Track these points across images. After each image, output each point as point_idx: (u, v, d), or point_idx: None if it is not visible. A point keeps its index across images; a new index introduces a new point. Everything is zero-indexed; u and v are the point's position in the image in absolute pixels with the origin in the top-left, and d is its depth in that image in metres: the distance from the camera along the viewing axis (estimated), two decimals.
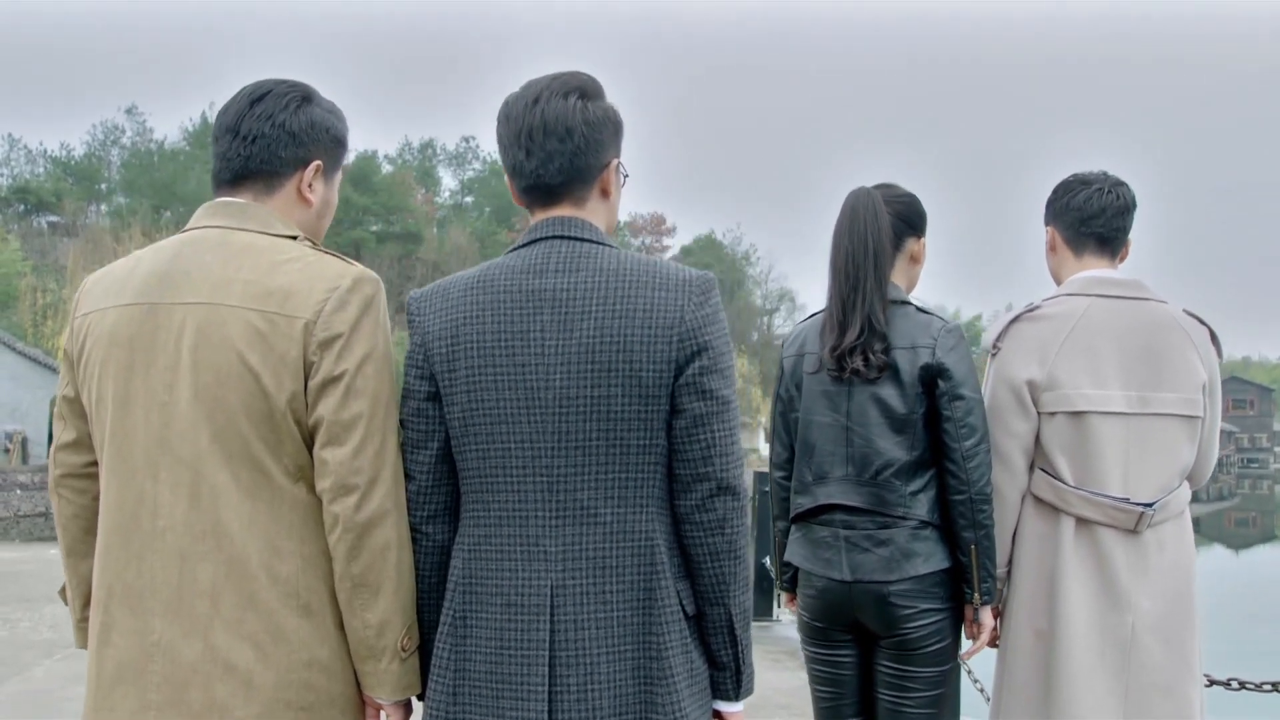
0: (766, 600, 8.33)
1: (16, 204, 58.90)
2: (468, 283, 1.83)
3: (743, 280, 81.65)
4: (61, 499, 1.95)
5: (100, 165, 66.79)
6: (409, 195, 69.21)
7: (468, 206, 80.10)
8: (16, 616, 8.33)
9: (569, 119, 1.81)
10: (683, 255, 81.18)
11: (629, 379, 1.72)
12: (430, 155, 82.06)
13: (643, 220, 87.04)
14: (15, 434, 34.05)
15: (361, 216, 64.83)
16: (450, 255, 62.79)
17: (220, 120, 1.93)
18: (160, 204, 59.45)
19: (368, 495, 1.74)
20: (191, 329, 1.75)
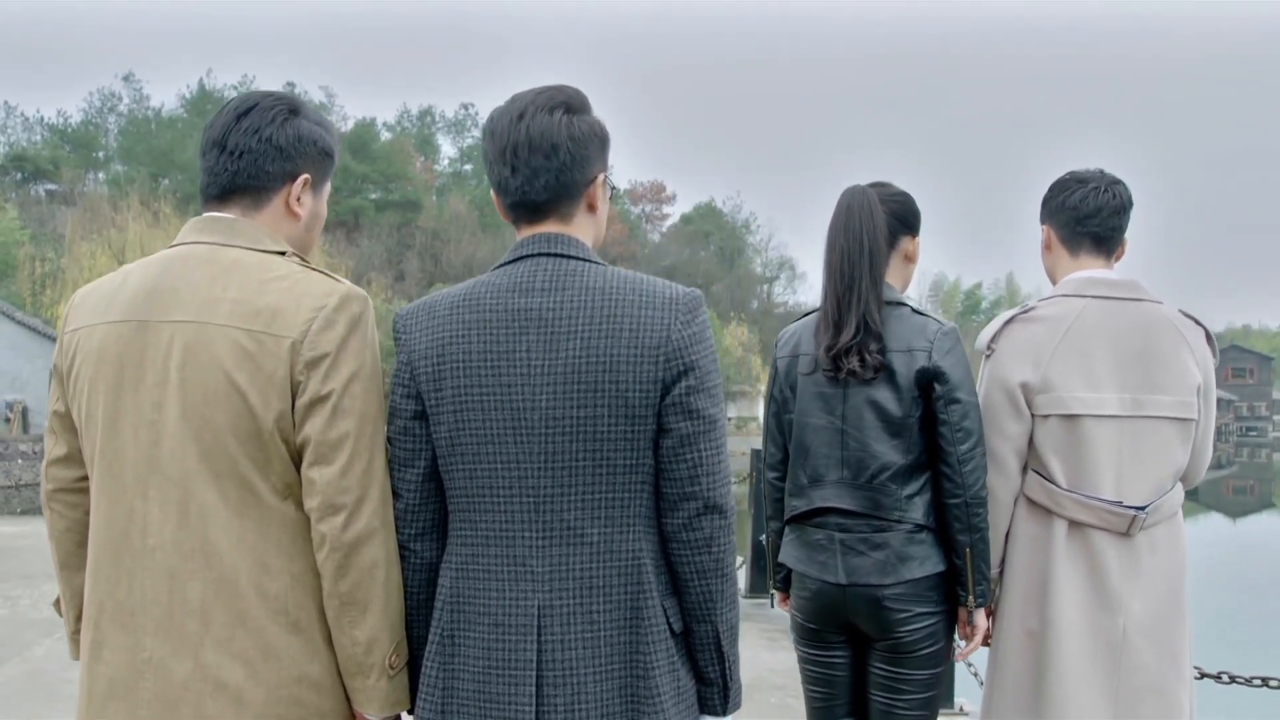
0: (763, 578, 8.36)
1: (14, 172, 58.72)
2: (453, 301, 1.82)
3: (743, 248, 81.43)
4: (54, 513, 1.95)
5: (98, 133, 66.54)
6: (408, 163, 68.97)
7: (467, 174, 79.77)
8: (17, 594, 8.36)
9: (554, 135, 1.79)
10: (682, 223, 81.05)
11: (615, 399, 1.71)
12: (429, 123, 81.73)
13: (642, 188, 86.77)
14: (16, 403, 34.08)
15: (360, 184, 64.64)
16: (449, 223, 62.66)
17: (206, 134, 1.91)
18: (159, 172, 59.25)
19: (355, 514, 1.74)
20: (179, 347, 1.74)
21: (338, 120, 75.23)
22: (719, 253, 76.53)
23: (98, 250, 35.07)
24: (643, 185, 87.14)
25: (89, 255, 34.87)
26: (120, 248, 35.42)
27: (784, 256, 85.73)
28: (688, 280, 43.17)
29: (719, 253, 76.53)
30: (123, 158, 62.90)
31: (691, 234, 77.49)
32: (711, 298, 68.63)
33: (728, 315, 60.40)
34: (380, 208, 63.56)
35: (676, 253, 73.77)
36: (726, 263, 76.17)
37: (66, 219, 41.60)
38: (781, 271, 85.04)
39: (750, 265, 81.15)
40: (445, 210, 64.50)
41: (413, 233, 61.65)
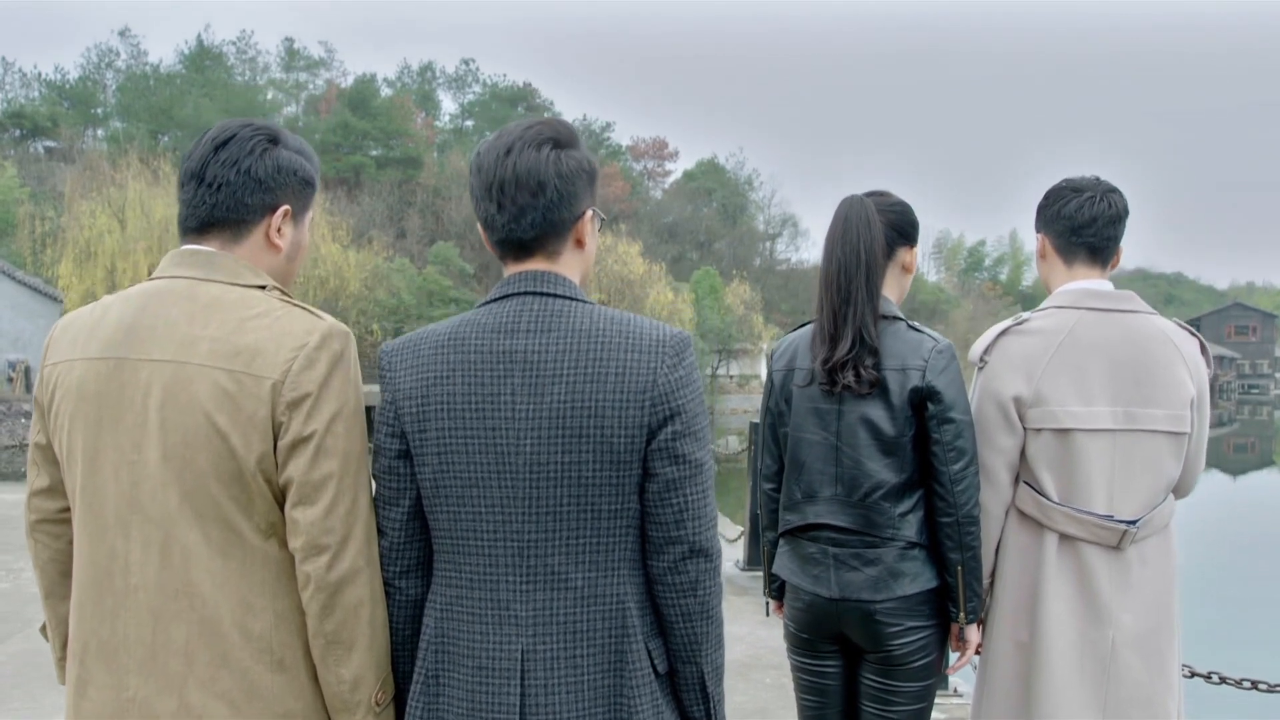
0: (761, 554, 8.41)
1: (12, 129, 58.34)
2: (438, 340, 1.79)
3: (745, 205, 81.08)
4: (38, 543, 1.95)
5: (96, 89, 66.07)
6: (408, 120, 68.45)
7: (468, 131, 79.25)
8: (20, 566, 8.39)
9: (541, 172, 1.76)
10: (685, 180, 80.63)
11: (600, 445, 1.70)
12: (429, 78, 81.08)
13: (644, 144, 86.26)
14: (18, 363, 34.09)
15: (361, 142, 64.24)
16: (451, 181, 62.29)
17: (185, 165, 1.88)
18: (158, 129, 58.88)
19: (339, 555, 1.73)
20: (158, 388, 1.73)
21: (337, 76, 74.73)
22: (721, 210, 76.19)
23: (97, 209, 34.86)
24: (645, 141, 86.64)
25: (89, 214, 34.67)
26: (120, 206, 35.26)
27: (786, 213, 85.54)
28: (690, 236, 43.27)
29: (721, 210, 76.19)
30: (121, 114, 62.50)
31: (694, 191, 77.10)
32: (713, 255, 68.47)
33: (730, 273, 60.16)
34: (381, 165, 63.20)
35: (679, 210, 73.42)
36: (729, 220, 75.87)
37: (65, 177, 41.33)
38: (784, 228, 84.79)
39: (753, 222, 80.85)
40: (446, 167, 64.11)
41: (414, 190, 61.34)
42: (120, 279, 33.92)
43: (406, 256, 49.97)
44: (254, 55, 73.05)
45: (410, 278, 46.41)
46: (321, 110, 69.40)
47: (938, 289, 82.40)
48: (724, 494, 18.16)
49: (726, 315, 53.65)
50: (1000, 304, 78.48)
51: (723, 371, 54.83)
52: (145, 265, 34.20)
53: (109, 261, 34.22)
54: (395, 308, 44.91)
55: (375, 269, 44.84)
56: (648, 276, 48.04)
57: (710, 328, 51.06)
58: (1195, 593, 2.73)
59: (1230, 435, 51.31)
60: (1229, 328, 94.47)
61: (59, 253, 34.99)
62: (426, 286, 46.00)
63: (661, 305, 47.21)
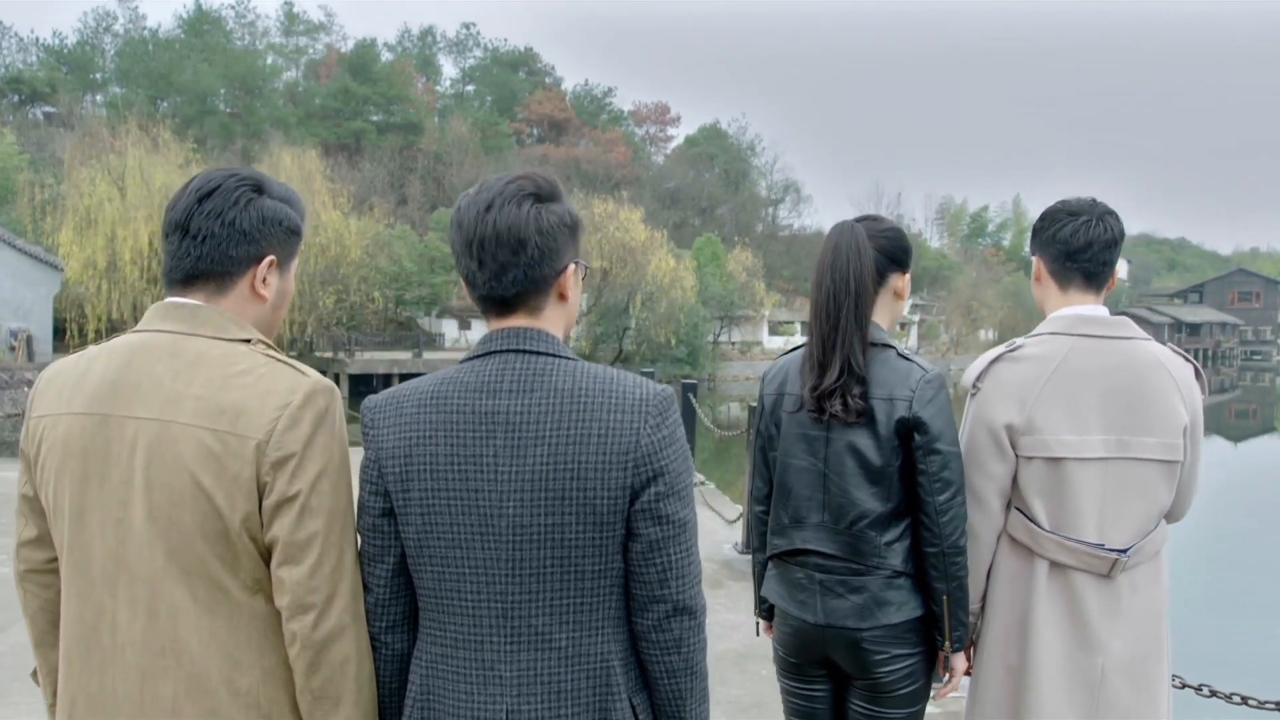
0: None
1: (10, 95, 58.08)
2: (421, 398, 1.78)
3: (747, 171, 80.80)
4: (26, 592, 1.95)
5: (94, 54, 65.73)
6: (409, 85, 68.12)
7: (469, 96, 78.88)
8: None
9: (522, 229, 1.74)
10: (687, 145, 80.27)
11: (583, 507, 1.69)
12: (430, 43, 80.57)
13: (646, 109, 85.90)
14: (20, 332, 34.13)
15: (361, 107, 63.96)
16: (451, 146, 62.10)
17: (169, 216, 1.86)
18: (157, 94, 58.67)
19: (325, 613, 1.73)
20: (143, 446, 1.72)
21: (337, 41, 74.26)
22: (723, 175, 75.97)
23: (97, 176, 34.76)
24: (647, 106, 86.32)
25: (88, 181, 34.57)
26: (120, 173, 35.15)
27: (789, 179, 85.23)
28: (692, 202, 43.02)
29: (723, 175, 75.97)
30: (120, 79, 62.25)
31: (696, 156, 76.85)
32: (715, 221, 68.30)
33: (731, 239, 60.02)
34: (381, 131, 62.98)
35: (680, 175, 73.21)
36: (731, 186, 75.65)
37: (65, 143, 41.18)
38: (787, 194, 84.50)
39: (755, 188, 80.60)
40: (447, 133, 63.88)
41: (414, 156, 61.16)
42: (120, 247, 33.92)
43: (407, 223, 49.92)
44: (253, 19, 72.77)
45: (411, 244, 46.36)
46: (321, 75, 69.08)
47: (940, 255, 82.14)
48: (724, 462, 18.18)
49: (728, 282, 53.55)
50: (1003, 270, 78.33)
51: (724, 339, 54.80)
52: (146, 233, 34.17)
53: (109, 229, 34.16)
54: (396, 275, 44.89)
55: (376, 236, 44.77)
56: (649, 244, 47.85)
57: (712, 295, 50.99)
58: (1197, 559, 2.73)
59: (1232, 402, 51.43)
60: (1232, 294, 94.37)
61: (59, 220, 34.91)
62: (428, 253, 45.94)
63: (663, 273, 47.10)
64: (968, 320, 69.54)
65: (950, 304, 70.02)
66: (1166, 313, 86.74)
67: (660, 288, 46.93)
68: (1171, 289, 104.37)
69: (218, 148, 49.51)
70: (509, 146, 68.08)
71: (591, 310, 47.59)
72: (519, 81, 79.92)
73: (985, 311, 69.39)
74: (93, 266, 33.99)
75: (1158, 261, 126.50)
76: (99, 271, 34.06)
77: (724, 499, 11.02)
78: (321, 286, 40.84)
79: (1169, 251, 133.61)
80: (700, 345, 49.07)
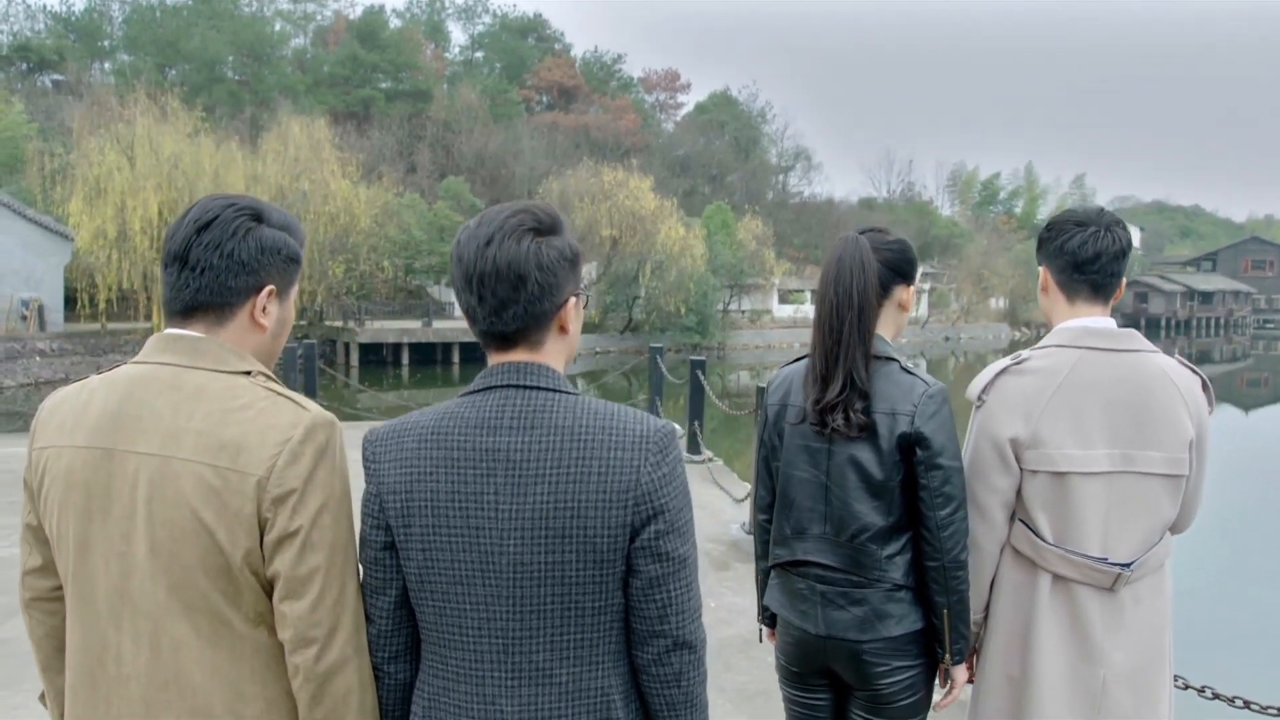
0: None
1: (19, 63, 57.94)
2: (421, 434, 1.78)
3: (758, 138, 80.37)
4: (32, 619, 1.96)
5: (102, 21, 65.46)
6: (418, 52, 67.76)
7: (478, 62, 78.46)
8: None
9: (522, 265, 1.74)
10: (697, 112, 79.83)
11: (583, 545, 1.69)
12: (439, 9, 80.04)
13: (656, 76, 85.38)
14: (32, 301, 34.28)
15: (370, 74, 63.67)
16: (460, 114, 61.81)
17: (168, 246, 1.86)
18: (165, 62, 58.49)
19: (327, 646, 1.75)
20: (145, 481, 1.73)
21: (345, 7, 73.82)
22: (734, 143, 75.54)
23: (106, 145, 34.66)
24: (656, 73, 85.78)
25: (97, 150, 34.47)
26: (129, 143, 35.06)
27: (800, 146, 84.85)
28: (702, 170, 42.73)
29: (734, 143, 75.54)
30: (128, 47, 62.05)
31: (706, 123, 76.38)
32: (725, 189, 68.02)
33: (742, 207, 59.75)
34: (390, 98, 62.73)
35: (690, 143, 72.86)
36: (741, 153, 75.25)
37: (73, 111, 41.05)
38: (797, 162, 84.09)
39: (765, 155, 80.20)
40: (456, 100, 63.58)
41: (423, 124, 60.89)
42: (130, 216, 33.92)
43: (416, 191, 49.76)
44: None
45: (420, 213, 46.26)
46: (329, 42, 68.76)
47: (951, 223, 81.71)
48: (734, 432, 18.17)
49: (738, 250, 53.37)
50: (1014, 238, 77.92)
51: (734, 307, 54.72)
52: (155, 203, 34.18)
53: (119, 199, 34.12)
54: (406, 243, 44.84)
55: (385, 205, 44.67)
56: (659, 212, 47.70)
57: (722, 263, 50.87)
58: (1208, 528, 2.73)
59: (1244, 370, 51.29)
60: (1245, 261, 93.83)
61: (69, 190, 34.84)
62: (437, 222, 45.85)
63: (673, 241, 46.99)
64: (978, 288, 69.26)
65: (961, 272, 69.69)
66: (1179, 281, 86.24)
67: (670, 256, 46.82)
68: (1184, 257, 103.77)
69: (226, 116, 49.35)
70: (518, 114, 67.78)
71: (601, 279, 47.54)
72: (528, 48, 79.48)
73: (996, 280, 69.11)
74: (103, 236, 34.00)
75: (1171, 229, 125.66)
76: (109, 241, 34.07)
77: (731, 476, 10.99)
78: (331, 255, 40.84)
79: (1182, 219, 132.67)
80: (710, 314, 49.01)
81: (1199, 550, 2.47)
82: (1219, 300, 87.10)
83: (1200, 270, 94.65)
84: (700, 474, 10.84)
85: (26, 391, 30.40)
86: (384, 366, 40.12)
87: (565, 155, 58.10)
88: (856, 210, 79.03)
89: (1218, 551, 10.61)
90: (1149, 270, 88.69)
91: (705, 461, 11.49)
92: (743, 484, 10.31)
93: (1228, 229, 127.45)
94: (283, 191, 38.47)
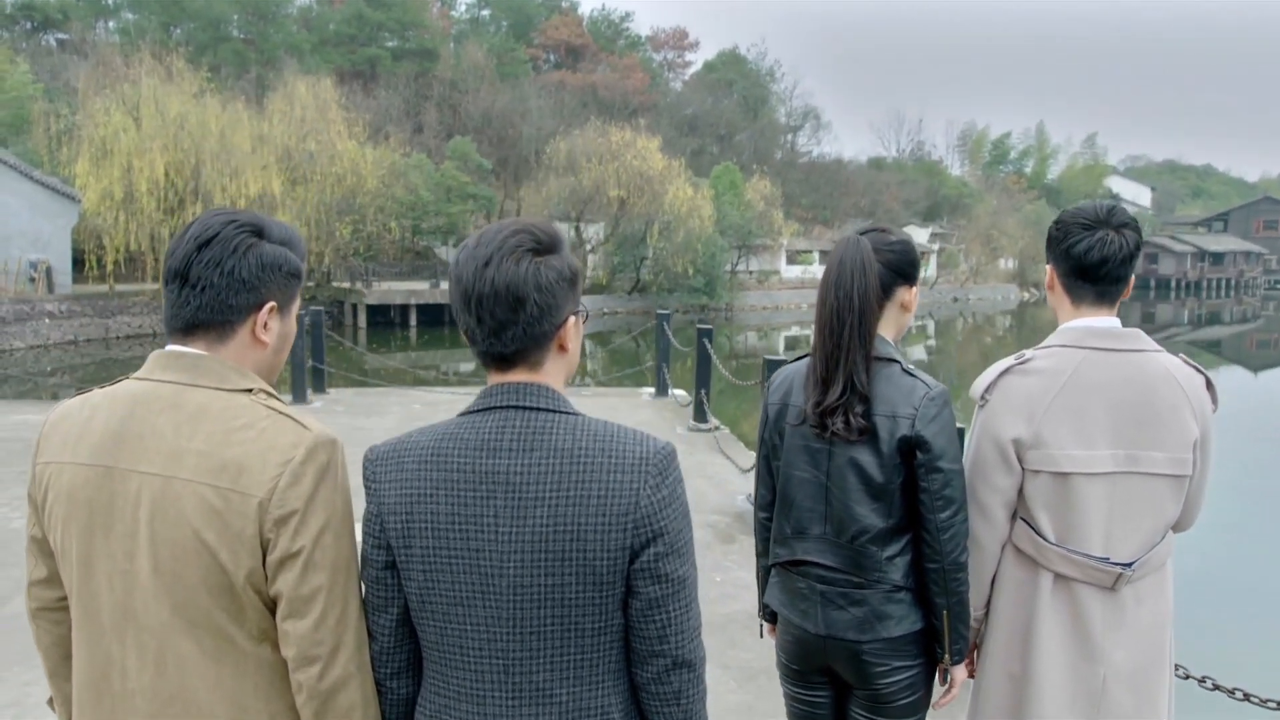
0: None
1: (23, 21, 57.61)
2: (422, 455, 1.78)
3: (766, 97, 79.73)
4: (39, 627, 1.98)
5: None
6: (424, 9, 67.14)
7: (484, 21, 77.81)
8: None
9: (520, 287, 1.73)
10: (705, 71, 79.20)
11: (583, 567, 1.70)
12: None
13: (664, 34, 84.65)
14: (40, 263, 34.30)
15: (376, 33, 63.20)
16: (467, 73, 61.42)
17: (168, 264, 1.85)
18: (169, 20, 58.08)
19: (330, 664, 1.76)
20: (147, 500, 1.74)
21: None
22: (742, 102, 74.96)
23: (112, 106, 34.54)
24: (664, 31, 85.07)
25: (103, 111, 34.35)
26: (134, 103, 34.92)
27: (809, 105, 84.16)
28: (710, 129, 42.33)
29: (742, 102, 74.96)
30: (132, 5, 61.55)
31: (714, 82, 75.81)
32: (734, 148, 67.64)
33: (750, 167, 59.45)
34: (396, 57, 62.29)
35: (699, 102, 72.34)
36: (750, 112, 74.70)
37: (78, 71, 40.84)
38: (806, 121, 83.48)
39: (774, 115, 79.58)
40: (463, 59, 63.16)
41: (430, 83, 60.52)
42: (137, 178, 33.85)
43: (423, 152, 49.55)
44: None
45: (428, 173, 46.08)
46: (335, 0, 68.13)
47: (961, 183, 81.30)
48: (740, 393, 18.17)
49: (746, 211, 53.18)
50: (1024, 198, 77.51)
51: (742, 268, 54.59)
52: (161, 164, 34.11)
53: (125, 160, 34.02)
54: (413, 204, 44.69)
55: (392, 165, 44.46)
56: (667, 172, 47.51)
57: (730, 224, 50.72)
58: (1216, 486, 2.74)
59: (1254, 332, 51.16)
60: (1258, 222, 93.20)
61: (75, 151, 34.71)
62: (444, 182, 45.71)
63: (681, 201, 46.83)
64: (987, 249, 68.98)
65: (970, 232, 69.42)
66: (1190, 241, 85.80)
67: (677, 217, 46.68)
68: (1196, 217, 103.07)
69: (232, 76, 49.14)
70: (525, 73, 67.30)
71: (609, 240, 47.44)
72: (535, 6, 78.76)
73: (1005, 240, 68.82)
74: (110, 197, 33.93)
75: (1183, 189, 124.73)
76: (116, 202, 33.99)
77: (738, 445, 11.00)
78: (338, 217, 40.73)
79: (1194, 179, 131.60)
80: (718, 275, 48.91)
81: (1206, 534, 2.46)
82: (1230, 261, 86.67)
83: (1211, 231, 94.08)
84: (707, 443, 10.87)
85: (36, 353, 30.51)
86: (392, 328, 40.19)
87: (573, 115, 57.78)
88: (865, 170, 78.65)
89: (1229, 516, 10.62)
90: (1160, 231, 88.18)
91: (712, 430, 11.50)
92: (748, 452, 10.32)
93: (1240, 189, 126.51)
94: (289, 152, 38.38)
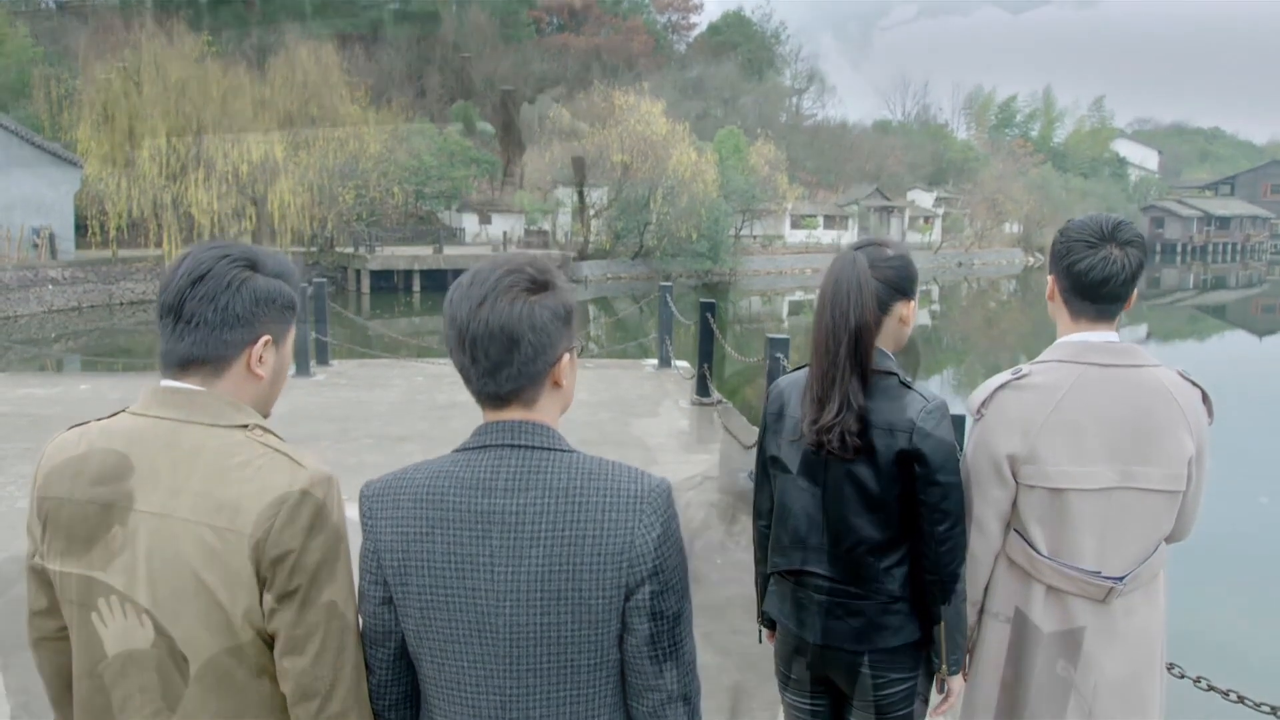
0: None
1: None
2: (417, 493, 1.78)
3: (772, 59, 79.20)
4: (41, 657, 2.00)
5: None
6: None
7: None
8: None
9: (515, 327, 1.73)
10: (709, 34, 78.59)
11: (578, 606, 1.71)
12: None
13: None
14: (43, 229, 34.27)
15: None
16: (470, 36, 60.96)
17: (161, 299, 1.85)
18: None
19: (329, 699, 1.77)
20: (145, 539, 1.74)
21: None
22: (747, 64, 74.42)
23: (113, 70, 34.40)
24: None
25: (104, 76, 34.22)
26: (136, 68, 34.77)
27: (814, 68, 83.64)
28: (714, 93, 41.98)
29: (747, 64, 74.42)
30: None
31: (719, 45, 75.25)
32: (738, 111, 67.18)
33: (754, 131, 59.06)
34: (398, 20, 61.81)
35: (703, 65, 71.81)
36: (754, 75, 74.19)
37: (79, 35, 40.62)
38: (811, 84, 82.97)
39: (779, 78, 79.08)
40: (465, 22, 62.67)
41: (432, 46, 60.09)
42: (139, 143, 33.74)
43: (426, 116, 49.34)
44: None
45: (431, 138, 45.94)
46: None
47: (967, 147, 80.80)
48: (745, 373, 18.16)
49: (750, 175, 52.93)
50: (1030, 161, 77.03)
51: (746, 233, 54.39)
52: (163, 130, 34.00)
53: (127, 125, 33.95)
54: (416, 169, 44.56)
55: (395, 130, 44.26)
56: (670, 137, 47.26)
57: (734, 189, 50.49)
58: (1218, 448, 2.75)
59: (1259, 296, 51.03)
60: (1265, 186, 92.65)
61: (76, 116, 34.64)
62: (447, 147, 45.57)
63: (684, 166, 46.61)
64: (993, 213, 68.63)
65: (975, 196, 69.03)
66: (1196, 205, 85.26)
67: (681, 181, 46.47)
68: (1203, 181, 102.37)
69: (233, 40, 48.80)
70: (529, 35, 66.85)
71: (612, 205, 47.25)
72: None
73: (1010, 205, 68.48)
74: (112, 163, 33.91)
75: (1190, 152, 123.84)
76: (118, 168, 33.96)
77: (740, 419, 11.00)
78: (340, 182, 40.62)
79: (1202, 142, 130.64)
80: (721, 240, 48.74)
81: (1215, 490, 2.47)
82: (1236, 225, 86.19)
83: (1218, 195, 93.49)
84: (710, 418, 10.88)
85: (40, 320, 30.56)
86: (395, 294, 40.15)
87: (576, 78, 57.40)
88: (870, 133, 78.21)
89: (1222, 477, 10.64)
90: (1166, 195, 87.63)
91: (715, 404, 11.51)
92: (751, 428, 10.30)
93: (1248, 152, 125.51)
94: (291, 117, 38.20)
